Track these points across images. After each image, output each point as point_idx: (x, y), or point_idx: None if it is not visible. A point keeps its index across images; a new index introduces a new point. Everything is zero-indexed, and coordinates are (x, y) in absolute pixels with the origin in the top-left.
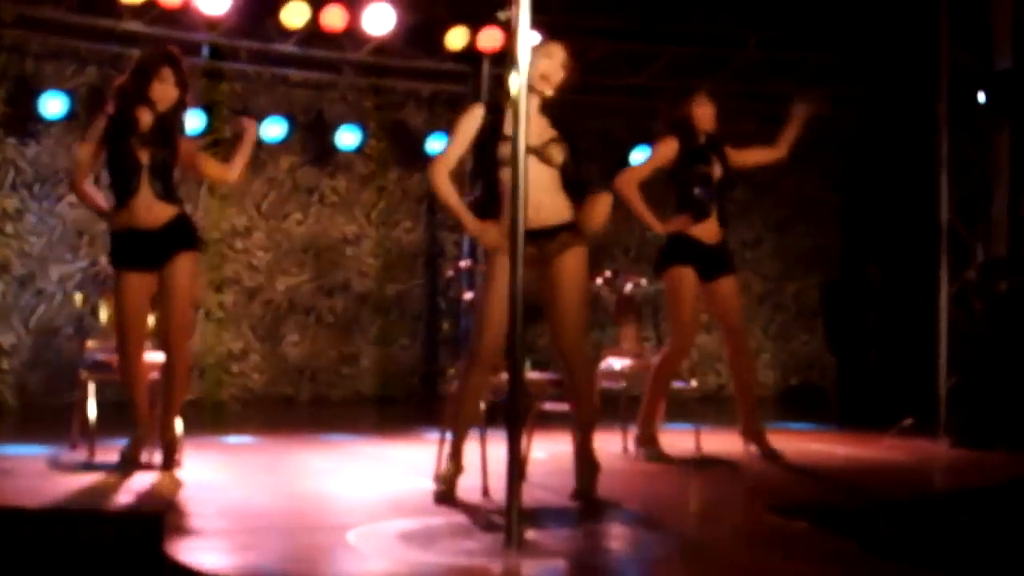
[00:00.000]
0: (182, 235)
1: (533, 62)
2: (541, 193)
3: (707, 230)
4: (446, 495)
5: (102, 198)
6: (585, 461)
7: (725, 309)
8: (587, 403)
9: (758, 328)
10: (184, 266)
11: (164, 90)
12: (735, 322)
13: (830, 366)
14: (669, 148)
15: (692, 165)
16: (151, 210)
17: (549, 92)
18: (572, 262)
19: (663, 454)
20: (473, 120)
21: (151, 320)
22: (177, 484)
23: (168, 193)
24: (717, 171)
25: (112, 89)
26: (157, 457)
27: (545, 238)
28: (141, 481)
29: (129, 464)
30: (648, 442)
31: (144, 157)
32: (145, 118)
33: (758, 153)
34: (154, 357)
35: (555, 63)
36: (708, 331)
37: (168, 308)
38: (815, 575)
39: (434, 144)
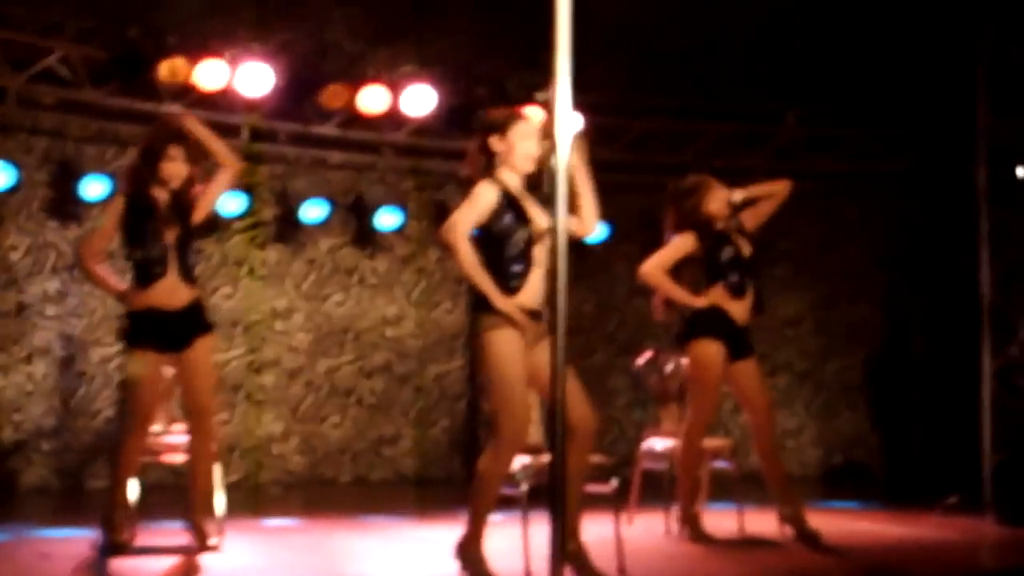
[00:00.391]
0: (202, 318)
1: (513, 143)
2: (541, 274)
3: (741, 310)
4: None
5: (116, 279)
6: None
7: (749, 389)
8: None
9: (801, 406)
10: (206, 349)
11: (175, 168)
12: (761, 402)
13: (874, 443)
14: (687, 243)
15: (719, 253)
16: (175, 292)
17: (530, 168)
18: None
19: (705, 534)
20: (489, 195)
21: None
22: (196, 570)
23: (190, 275)
24: (746, 250)
25: (124, 172)
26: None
27: (536, 319)
28: (183, 564)
29: (119, 548)
30: (690, 522)
31: (169, 237)
32: (162, 197)
33: (765, 202)
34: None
35: (535, 141)
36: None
37: (194, 390)
38: None
39: None
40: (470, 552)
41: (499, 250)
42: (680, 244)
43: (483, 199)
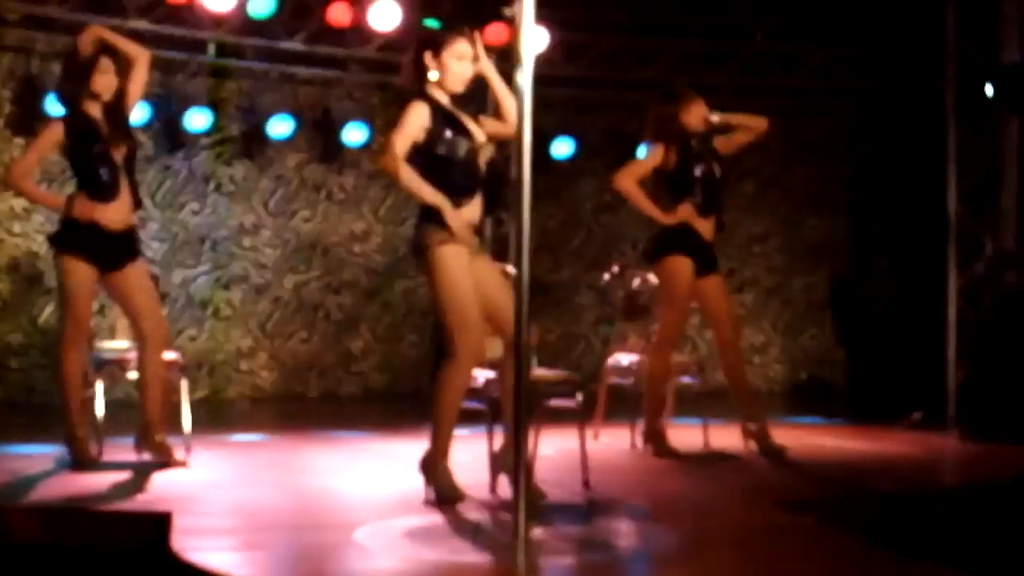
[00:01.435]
0: (135, 243)
1: (446, 63)
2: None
3: (706, 227)
4: (453, 498)
5: (50, 194)
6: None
7: (716, 305)
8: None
9: (767, 323)
10: (143, 272)
11: (107, 80)
12: (725, 318)
13: (839, 360)
14: (660, 153)
15: (690, 169)
16: (119, 213)
17: (460, 89)
18: (487, 260)
19: (670, 450)
20: (420, 114)
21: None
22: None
23: (137, 197)
24: (717, 170)
25: (57, 91)
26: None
27: (477, 233)
28: (149, 479)
29: (86, 464)
30: (654, 438)
31: (117, 157)
32: (94, 113)
33: (741, 133)
34: (168, 356)
35: (468, 62)
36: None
37: (137, 309)
38: (822, 572)
39: None
40: (435, 467)
41: (444, 167)
42: (654, 154)
43: (414, 119)
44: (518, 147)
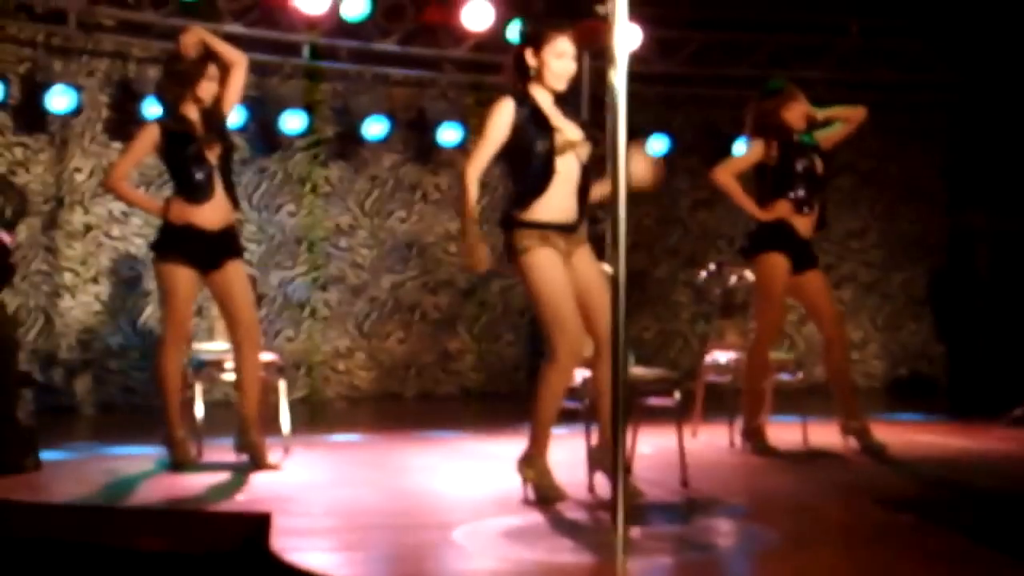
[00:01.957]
0: (235, 242)
1: (546, 60)
2: (571, 188)
3: (805, 224)
4: (553, 498)
5: (148, 196)
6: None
7: (818, 300)
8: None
9: (865, 318)
10: (238, 271)
11: (211, 87)
12: (829, 312)
13: (939, 355)
14: (760, 149)
15: (792, 164)
16: (217, 212)
17: (562, 87)
18: (589, 255)
19: (769, 447)
20: (506, 114)
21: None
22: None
23: (234, 195)
24: (819, 166)
25: (158, 92)
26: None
27: (569, 232)
28: (248, 480)
29: (184, 466)
30: (753, 435)
31: (212, 158)
32: (192, 116)
33: (841, 126)
34: (264, 357)
35: (569, 59)
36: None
37: (233, 308)
38: (922, 571)
39: None
40: (534, 466)
41: (521, 162)
42: (755, 150)
43: (498, 119)
44: (612, 145)
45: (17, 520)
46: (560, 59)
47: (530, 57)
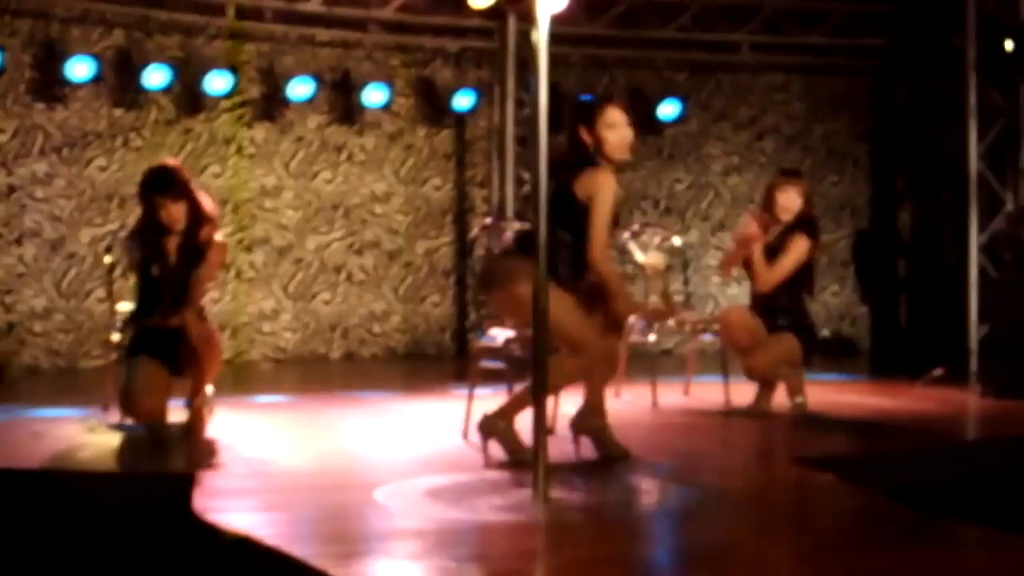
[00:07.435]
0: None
1: (601, 134)
2: None
3: None
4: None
5: None
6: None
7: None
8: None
9: None
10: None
11: (169, 213)
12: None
13: (861, 316)
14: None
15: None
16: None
17: (625, 156)
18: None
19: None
20: (611, 190)
21: None
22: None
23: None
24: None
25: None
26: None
27: None
28: (175, 442)
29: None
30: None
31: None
32: (171, 247)
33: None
34: None
35: (624, 127)
36: (739, 283)
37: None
38: (842, 526)
39: (461, 100)
40: (503, 426)
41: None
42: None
43: (609, 199)
44: (534, 106)
45: None
46: (613, 130)
47: (585, 135)
